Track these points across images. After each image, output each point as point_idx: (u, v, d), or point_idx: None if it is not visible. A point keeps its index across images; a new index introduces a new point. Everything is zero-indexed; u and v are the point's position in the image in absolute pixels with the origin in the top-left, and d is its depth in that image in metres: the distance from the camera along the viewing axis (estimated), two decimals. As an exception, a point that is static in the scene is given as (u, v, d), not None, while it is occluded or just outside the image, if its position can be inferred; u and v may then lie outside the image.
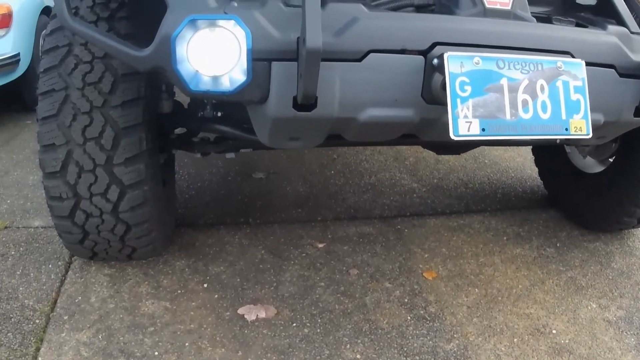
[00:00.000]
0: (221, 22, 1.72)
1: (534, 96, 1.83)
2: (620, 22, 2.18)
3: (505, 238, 3.24)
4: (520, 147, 4.60)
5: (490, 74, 1.80)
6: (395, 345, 2.36)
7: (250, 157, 4.29)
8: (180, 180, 3.86)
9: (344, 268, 2.88)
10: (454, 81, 1.76)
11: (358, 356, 2.31)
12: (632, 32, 2.14)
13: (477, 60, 1.79)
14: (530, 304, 2.66)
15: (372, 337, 2.41)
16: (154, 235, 2.62)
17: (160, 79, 2.49)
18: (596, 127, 2.01)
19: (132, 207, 2.41)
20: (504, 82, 1.80)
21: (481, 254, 3.06)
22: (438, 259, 2.98)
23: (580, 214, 3.39)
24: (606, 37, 2.07)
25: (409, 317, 2.53)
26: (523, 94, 1.82)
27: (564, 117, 1.86)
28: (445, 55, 1.76)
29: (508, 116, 1.79)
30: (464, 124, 1.75)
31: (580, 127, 1.88)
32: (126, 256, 2.74)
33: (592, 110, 1.91)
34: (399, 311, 2.56)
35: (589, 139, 1.92)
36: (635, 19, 2.21)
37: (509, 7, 1.97)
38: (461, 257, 3.01)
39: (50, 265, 2.85)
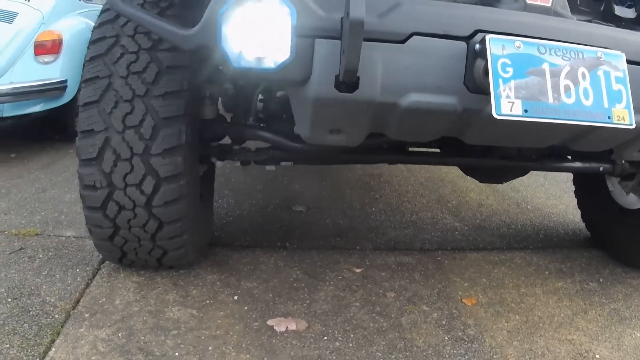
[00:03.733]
0: (266, 0, 1.71)
1: (576, 82, 1.79)
2: None
3: (547, 272, 3.13)
4: (562, 195, 4.54)
5: (531, 57, 1.77)
6: (431, 363, 2.25)
7: (291, 192, 4.26)
8: (219, 208, 3.82)
9: (381, 291, 2.77)
10: (495, 62, 1.73)
11: (392, 371, 2.19)
12: None
13: (518, 44, 1.76)
14: (573, 331, 2.53)
15: (407, 353, 2.29)
16: (186, 238, 2.55)
17: (203, 80, 2.48)
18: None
19: (166, 201, 2.35)
20: (545, 66, 1.77)
21: (522, 285, 2.94)
22: (478, 287, 2.87)
23: (624, 252, 3.32)
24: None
25: (446, 338, 2.40)
26: (565, 79, 1.78)
27: (606, 105, 1.81)
28: (487, 37, 1.74)
29: (551, 99, 1.75)
30: (506, 103, 1.71)
31: (623, 116, 1.82)
32: (156, 260, 2.67)
33: (635, 110, 1.86)
34: (436, 332, 2.44)
35: (632, 129, 1.86)
36: None
37: (549, 4, 1.98)
38: (502, 287, 2.90)
39: (77, 270, 2.80)
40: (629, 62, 1.90)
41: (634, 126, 1.84)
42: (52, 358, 2.14)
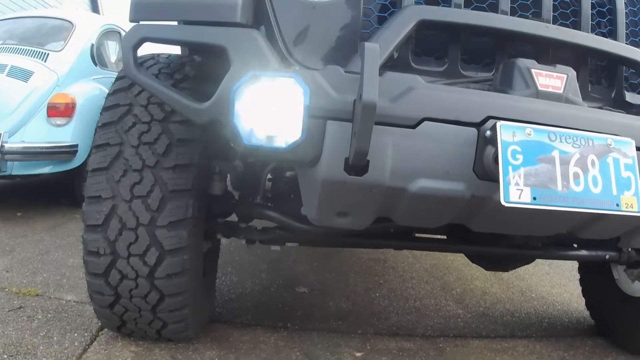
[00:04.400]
0: (281, 79, 1.76)
1: (585, 170, 1.81)
2: None
3: None
4: (567, 284, 4.49)
5: (541, 145, 1.79)
6: None
7: (295, 273, 4.23)
8: (222, 285, 3.79)
9: (380, 377, 2.71)
10: (505, 149, 1.75)
11: None
12: None
13: (529, 132, 1.79)
14: None
15: None
16: (187, 312, 2.52)
17: (213, 156, 2.50)
18: None
19: (168, 274, 2.34)
20: (555, 154, 1.79)
21: (525, 374, 2.87)
22: (480, 376, 2.81)
23: (628, 340, 3.29)
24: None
25: None
26: (574, 167, 1.80)
27: (614, 192, 1.83)
28: (498, 124, 1.77)
29: (560, 187, 1.76)
30: (515, 191, 1.72)
31: (632, 204, 1.83)
32: (155, 331, 2.62)
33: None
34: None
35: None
36: None
37: (561, 91, 1.99)
38: (504, 376, 2.83)
39: (75, 334, 2.76)
40: (638, 148, 1.92)
41: None
42: None
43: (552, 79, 1.97)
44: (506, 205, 1.70)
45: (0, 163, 4.84)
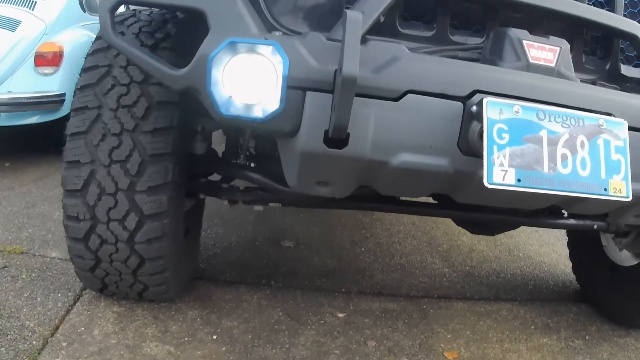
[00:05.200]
0: (260, 48, 1.68)
1: (574, 151, 1.74)
2: None
3: (532, 327, 3.08)
4: (556, 243, 4.49)
5: (529, 124, 1.72)
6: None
7: (281, 226, 4.21)
8: (207, 238, 3.79)
9: (362, 339, 2.72)
10: (491, 127, 1.68)
11: None
12: None
13: (517, 109, 1.71)
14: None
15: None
16: (168, 275, 2.51)
17: (196, 114, 2.44)
18: (636, 199, 1.89)
19: (148, 239, 2.32)
20: (543, 133, 1.72)
21: (506, 340, 2.89)
22: (461, 340, 2.82)
23: (613, 309, 3.30)
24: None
25: (424, 394, 2.36)
26: (563, 148, 1.73)
27: (603, 176, 1.76)
28: (485, 101, 1.69)
29: (546, 169, 1.70)
30: (499, 172, 1.66)
31: (620, 188, 1.77)
32: (137, 293, 2.63)
33: (633, 178, 1.80)
34: (414, 386, 2.40)
35: (629, 202, 1.80)
36: None
37: (552, 64, 1.91)
38: (485, 341, 2.84)
39: (59, 294, 2.76)
40: (630, 128, 1.85)
41: (630, 199, 1.79)
42: (24, 389, 2.11)
43: (544, 51, 1.89)
44: (489, 186, 1.65)
45: (-14, 115, 4.78)
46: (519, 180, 1.67)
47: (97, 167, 2.23)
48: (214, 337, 2.60)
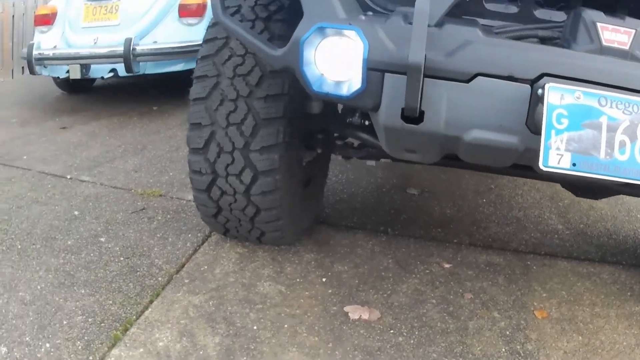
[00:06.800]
0: (345, 32, 1.86)
1: (633, 138, 1.75)
2: None
3: (629, 294, 3.04)
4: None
5: (590, 109, 1.75)
6: (481, 373, 2.35)
7: (410, 173, 4.34)
8: (336, 183, 4.00)
9: (460, 291, 2.87)
10: (551, 112, 1.74)
11: (441, 375, 2.32)
12: None
13: (578, 95, 1.75)
14: (628, 362, 2.52)
15: (460, 359, 2.41)
16: (282, 223, 2.79)
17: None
18: None
19: (263, 192, 2.60)
20: (603, 119, 1.75)
21: (599, 304, 2.91)
22: (554, 300, 2.89)
23: None
24: None
25: (503, 349, 2.49)
26: (622, 135, 1.75)
27: None
28: (547, 86, 1.75)
29: (602, 155, 1.74)
30: (555, 155, 1.73)
31: None
32: (256, 238, 2.94)
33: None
34: (497, 342, 2.53)
35: None
36: None
37: (627, 47, 1.90)
38: (578, 303, 2.89)
39: (189, 235, 3.11)
40: None
41: None
42: (146, 317, 2.45)
43: (618, 33, 1.89)
44: (544, 169, 1.74)
45: (133, 64, 5.19)
46: (574, 164, 1.73)
47: (216, 129, 2.53)
48: (324, 279, 2.85)
